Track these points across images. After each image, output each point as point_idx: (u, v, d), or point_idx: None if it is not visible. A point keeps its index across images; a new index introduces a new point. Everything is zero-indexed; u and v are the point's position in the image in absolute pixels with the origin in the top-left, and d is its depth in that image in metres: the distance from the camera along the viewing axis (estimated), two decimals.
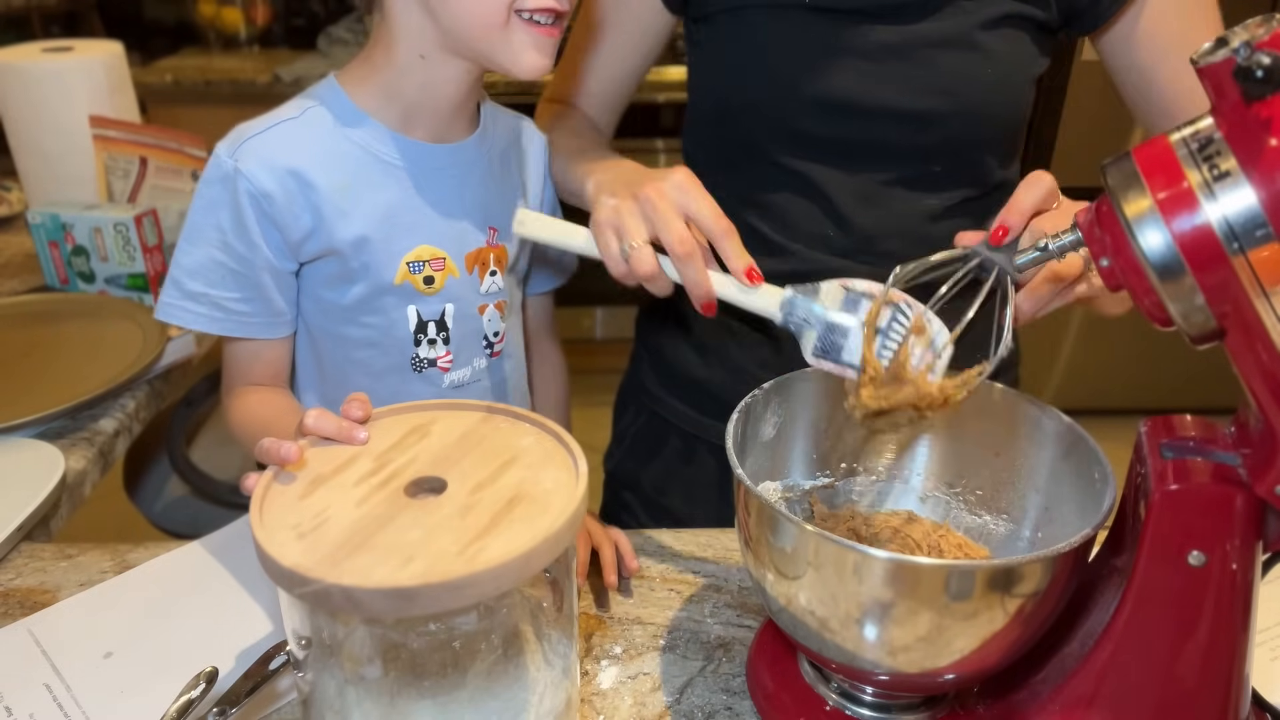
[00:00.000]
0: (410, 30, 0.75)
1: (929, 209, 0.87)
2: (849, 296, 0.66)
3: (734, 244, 0.68)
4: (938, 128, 0.83)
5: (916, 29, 0.81)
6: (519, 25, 0.72)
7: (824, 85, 0.82)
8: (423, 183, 0.82)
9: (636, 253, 0.67)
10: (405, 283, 0.82)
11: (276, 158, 0.77)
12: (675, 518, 1.02)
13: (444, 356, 0.87)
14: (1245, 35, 0.43)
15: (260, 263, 0.79)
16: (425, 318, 0.85)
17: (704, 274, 0.67)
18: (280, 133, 0.78)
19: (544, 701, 0.58)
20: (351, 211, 0.79)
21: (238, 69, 2.60)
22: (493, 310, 0.89)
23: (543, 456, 0.56)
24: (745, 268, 0.67)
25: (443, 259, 0.84)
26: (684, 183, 0.68)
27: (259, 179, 0.76)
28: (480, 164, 0.86)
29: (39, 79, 1.33)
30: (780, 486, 0.71)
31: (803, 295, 0.67)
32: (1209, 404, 2.19)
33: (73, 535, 0.86)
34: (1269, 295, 0.46)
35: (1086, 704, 0.56)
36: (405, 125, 0.81)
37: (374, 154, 0.80)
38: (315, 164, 0.78)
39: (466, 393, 0.90)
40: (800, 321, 0.67)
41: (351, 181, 0.79)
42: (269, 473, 0.55)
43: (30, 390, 0.99)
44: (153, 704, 0.62)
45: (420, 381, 0.87)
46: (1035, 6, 0.82)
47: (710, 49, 0.89)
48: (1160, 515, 0.52)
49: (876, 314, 0.65)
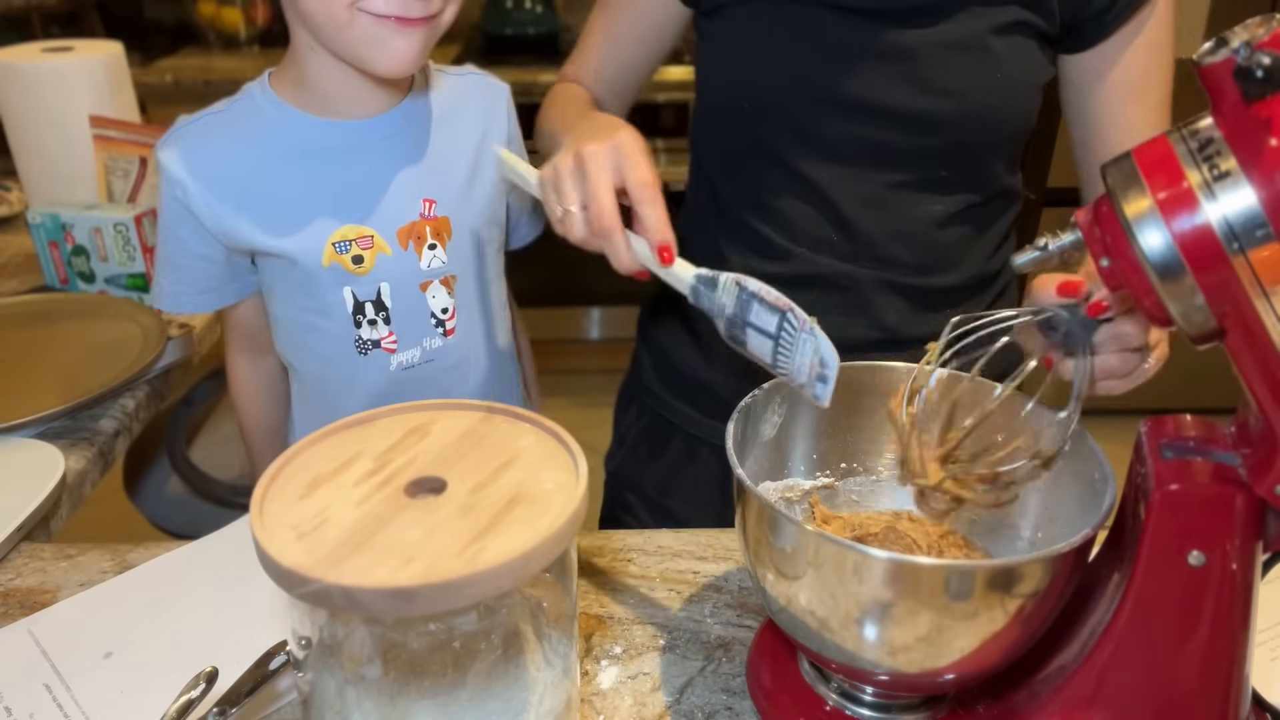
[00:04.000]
0: (296, 27, 0.78)
1: (933, 215, 0.86)
2: (741, 295, 0.65)
3: (654, 214, 0.65)
4: (946, 131, 0.83)
5: (929, 32, 0.81)
6: (366, 22, 0.72)
7: (834, 83, 0.82)
8: (344, 163, 0.83)
9: (569, 218, 0.67)
10: (334, 264, 0.83)
11: (195, 150, 0.80)
12: (677, 518, 1.02)
13: (387, 338, 0.87)
14: (1245, 35, 0.43)
15: (181, 248, 0.84)
16: (361, 298, 0.85)
17: (621, 249, 0.66)
18: (203, 125, 0.82)
19: (544, 701, 0.58)
20: (271, 200, 0.81)
21: (238, 69, 2.60)
22: (438, 286, 0.87)
23: (543, 456, 0.56)
24: (659, 243, 0.66)
25: (370, 236, 0.83)
26: (623, 144, 0.66)
27: (175, 170, 0.80)
28: (409, 135, 0.85)
29: (39, 79, 1.33)
30: (780, 486, 0.71)
31: (704, 286, 0.66)
32: (1209, 404, 2.18)
33: (73, 535, 0.86)
34: (1269, 295, 0.46)
35: (1086, 704, 0.56)
36: (327, 109, 0.82)
37: (292, 140, 0.81)
38: (231, 156, 0.81)
39: (420, 374, 0.89)
40: (707, 307, 0.67)
41: (267, 170, 0.81)
42: (269, 472, 0.55)
43: (30, 390, 0.99)
44: (153, 704, 0.62)
45: (368, 365, 0.87)
46: (1040, 17, 0.82)
47: (720, 43, 0.88)
48: (1160, 515, 0.52)
49: None
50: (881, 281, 0.88)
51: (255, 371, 0.96)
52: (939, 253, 0.88)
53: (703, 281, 0.66)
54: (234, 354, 0.96)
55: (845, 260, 0.87)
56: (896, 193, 0.85)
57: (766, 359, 0.65)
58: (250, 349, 0.95)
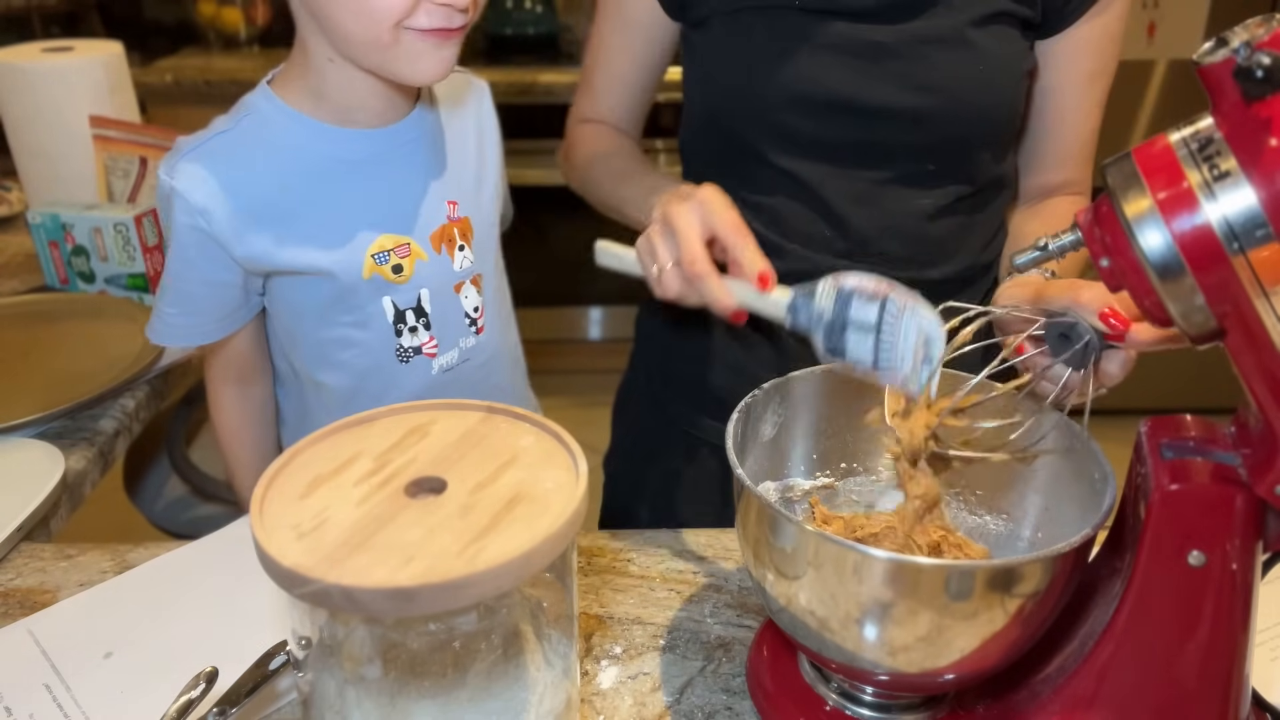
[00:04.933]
0: (314, 38, 0.75)
1: (923, 208, 0.87)
2: (840, 294, 0.65)
3: (747, 250, 0.68)
4: (932, 125, 0.83)
5: (909, 27, 0.81)
6: (410, 38, 0.71)
7: (817, 85, 0.83)
8: (372, 171, 0.81)
9: (664, 276, 0.70)
10: (374, 275, 0.82)
11: (212, 174, 0.76)
12: (677, 519, 1.02)
13: (428, 343, 0.87)
14: (1245, 35, 0.43)
15: (197, 278, 0.80)
16: (402, 307, 0.84)
17: (718, 290, 0.68)
18: (216, 146, 0.77)
19: (544, 701, 0.58)
20: (302, 216, 0.79)
21: (238, 69, 2.60)
22: (469, 286, 0.88)
23: (543, 456, 0.56)
24: (756, 273, 0.67)
25: (407, 244, 0.83)
26: (706, 198, 0.69)
27: (194, 196, 0.76)
28: (426, 140, 0.85)
29: (39, 79, 1.33)
30: (780, 486, 0.71)
31: (803, 297, 0.67)
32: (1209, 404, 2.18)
33: (73, 535, 0.86)
34: (1269, 295, 0.46)
35: (1086, 704, 0.56)
36: (345, 119, 0.80)
37: (315, 154, 0.79)
38: (255, 176, 0.77)
39: (457, 374, 0.90)
40: (805, 324, 0.67)
41: (296, 186, 0.78)
42: (269, 472, 0.55)
43: (30, 390, 0.99)
44: (153, 704, 0.62)
45: (408, 372, 0.87)
46: (1022, 4, 0.82)
47: (706, 53, 0.89)
48: (1160, 515, 0.52)
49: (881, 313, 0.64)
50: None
51: (245, 402, 0.93)
52: (932, 245, 0.89)
53: (801, 293, 0.67)
54: (220, 386, 0.92)
55: (840, 256, 0.88)
56: (886, 188, 0.86)
57: (868, 361, 0.65)
58: (238, 379, 0.91)
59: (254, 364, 0.91)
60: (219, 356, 0.90)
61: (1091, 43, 0.86)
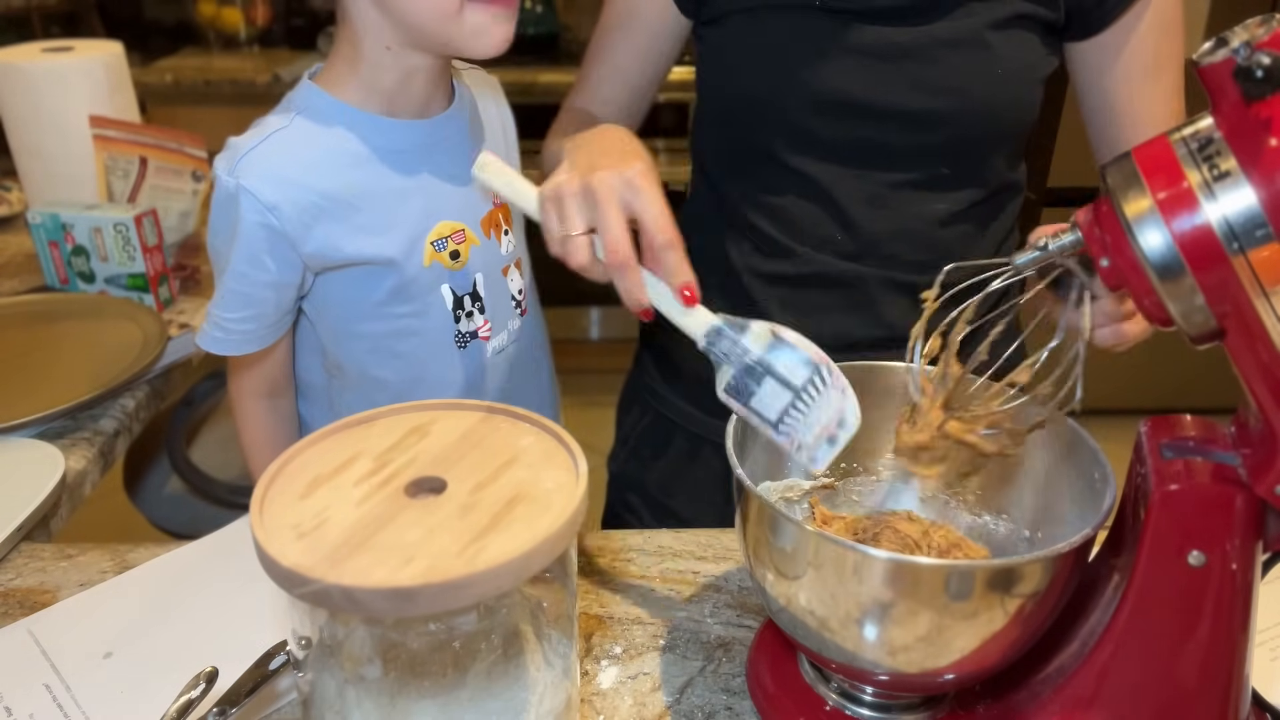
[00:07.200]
0: (370, 27, 0.76)
1: (936, 213, 0.86)
2: (776, 341, 0.62)
3: (675, 257, 0.63)
4: (947, 128, 0.83)
5: (927, 29, 0.81)
6: (474, 11, 0.73)
7: (834, 85, 0.82)
8: (423, 160, 0.82)
9: (571, 242, 0.64)
10: (434, 263, 0.83)
11: (278, 169, 0.76)
12: (680, 518, 1.02)
13: (483, 326, 0.88)
14: (1245, 35, 0.43)
15: (265, 280, 0.79)
16: (459, 292, 0.86)
17: (636, 283, 0.63)
18: (276, 143, 0.77)
19: (544, 701, 0.58)
20: (364, 208, 0.79)
21: (238, 69, 2.60)
22: (514, 269, 0.90)
23: (543, 456, 0.56)
24: (682, 284, 0.63)
25: (462, 230, 0.84)
26: (636, 180, 0.62)
27: (264, 193, 0.75)
28: (467, 127, 0.86)
29: (39, 79, 1.33)
30: (780, 486, 0.71)
31: (730, 328, 0.63)
32: (1209, 404, 2.18)
33: (73, 535, 0.86)
34: (1269, 295, 0.46)
35: (1086, 704, 0.56)
36: (392, 110, 0.81)
37: (371, 146, 0.80)
38: (317, 170, 0.77)
39: (507, 356, 0.92)
40: (720, 354, 0.64)
41: (357, 178, 0.79)
42: (269, 472, 0.55)
43: (30, 390, 0.99)
44: (153, 704, 0.62)
45: (465, 357, 0.88)
46: (1043, 7, 0.82)
47: (720, 50, 0.88)
48: (1160, 515, 0.52)
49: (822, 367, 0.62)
50: (884, 279, 0.88)
51: (274, 415, 0.92)
52: (941, 250, 0.88)
53: (730, 323, 0.63)
54: (250, 401, 0.90)
55: (848, 259, 0.87)
56: (899, 192, 0.85)
57: (771, 417, 0.62)
58: (270, 392, 0.90)
59: (287, 374, 0.91)
60: (253, 369, 0.88)
61: (1141, 37, 0.84)
